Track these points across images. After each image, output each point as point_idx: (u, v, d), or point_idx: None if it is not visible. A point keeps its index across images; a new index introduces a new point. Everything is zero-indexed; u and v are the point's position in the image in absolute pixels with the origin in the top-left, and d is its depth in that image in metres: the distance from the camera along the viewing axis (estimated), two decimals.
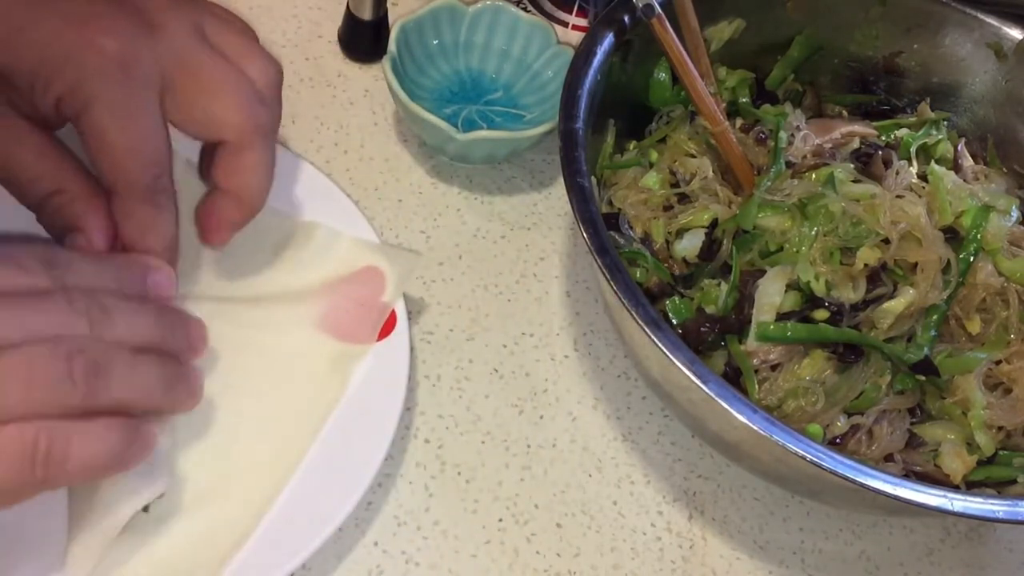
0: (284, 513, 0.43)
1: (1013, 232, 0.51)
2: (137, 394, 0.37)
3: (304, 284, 0.49)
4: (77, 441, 0.34)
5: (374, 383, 0.47)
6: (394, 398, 0.46)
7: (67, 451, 0.34)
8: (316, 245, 0.50)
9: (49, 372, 0.34)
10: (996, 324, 0.50)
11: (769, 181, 0.51)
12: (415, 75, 0.60)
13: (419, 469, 0.49)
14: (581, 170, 0.46)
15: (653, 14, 0.49)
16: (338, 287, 0.49)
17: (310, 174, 0.53)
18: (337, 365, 0.47)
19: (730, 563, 0.50)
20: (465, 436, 0.50)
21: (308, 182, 0.53)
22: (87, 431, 0.35)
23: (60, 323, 0.35)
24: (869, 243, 0.48)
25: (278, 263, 0.50)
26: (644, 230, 0.53)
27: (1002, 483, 0.48)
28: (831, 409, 0.47)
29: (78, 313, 0.35)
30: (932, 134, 0.58)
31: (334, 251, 0.50)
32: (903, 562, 0.52)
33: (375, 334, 0.48)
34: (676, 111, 0.57)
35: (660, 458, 0.52)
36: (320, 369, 0.47)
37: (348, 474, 0.44)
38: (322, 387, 0.47)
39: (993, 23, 0.59)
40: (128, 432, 0.36)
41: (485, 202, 0.59)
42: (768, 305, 0.48)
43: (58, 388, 0.34)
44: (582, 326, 0.56)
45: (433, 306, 0.54)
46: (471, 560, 0.47)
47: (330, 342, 0.48)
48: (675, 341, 0.42)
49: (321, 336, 0.48)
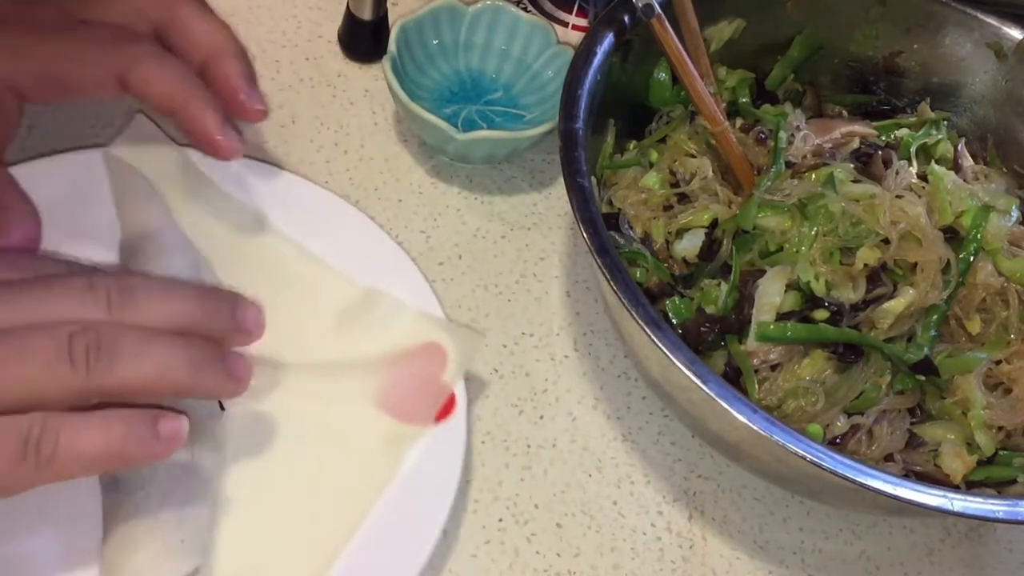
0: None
1: (1013, 232, 0.51)
2: (150, 376, 0.35)
3: (365, 355, 0.48)
4: (70, 432, 0.34)
5: (426, 467, 0.45)
6: (447, 483, 0.45)
7: (59, 441, 0.33)
8: (380, 315, 0.49)
9: (47, 354, 0.33)
10: (996, 324, 0.50)
11: (769, 181, 0.51)
12: (415, 75, 0.60)
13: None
14: (581, 170, 0.46)
15: (653, 14, 0.49)
16: (399, 362, 0.48)
17: (378, 238, 0.51)
18: (391, 447, 0.46)
19: (730, 563, 0.50)
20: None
21: (376, 247, 0.51)
22: (83, 422, 0.34)
23: (74, 305, 0.35)
24: (869, 243, 0.48)
25: (340, 330, 0.49)
26: (644, 230, 0.53)
27: (1002, 483, 0.48)
28: (831, 409, 0.47)
29: (96, 295, 0.35)
30: (932, 134, 0.58)
31: (398, 323, 0.49)
32: (903, 562, 0.52)
33: (433, 415, 0.46)
34: (676, 111, 0.57)
35: (660, 458, 0.52)
36: (374, 449, 0.45)
37: (393, 563, 0.42)
38: (373, 469, 0.45)
39: (993, 23, 0.58)
40: (133, 425, 0.35)
41: (485, 202, 0.59)
42: (768, 305, 0.48)
43: (55, 370, 0.33)
44: (582, 326, 0.56)
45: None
46: (471, 560, 0.47)
47: (386, 421, 0.46)
48: (675, 341, 0.42)
49: (378, 413, 0.46)
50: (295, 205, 0.51)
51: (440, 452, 0.46)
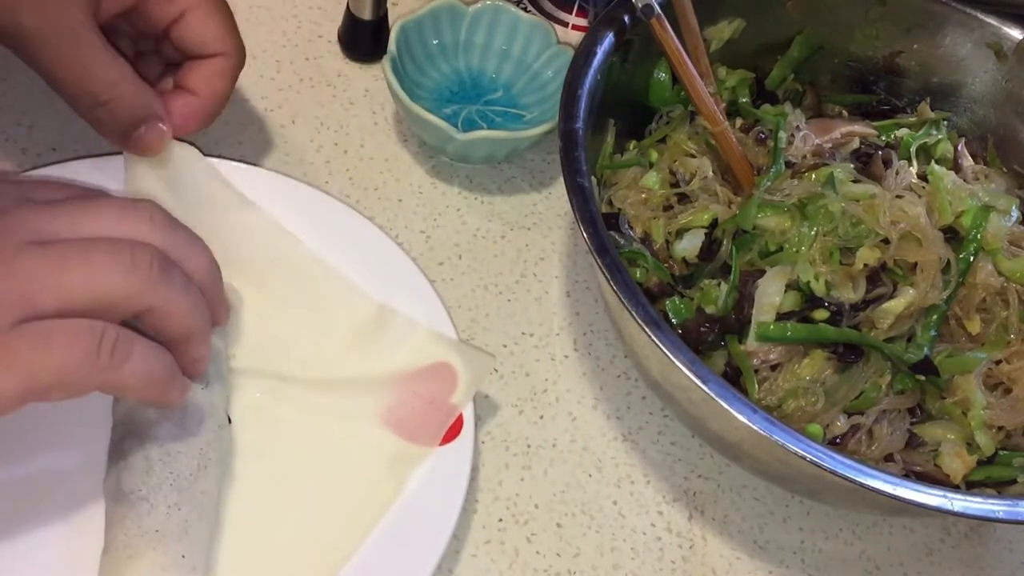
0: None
1: (1013, 232, 0.51)
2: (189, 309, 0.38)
3: (374, 372, 0.48)
4: (140, 348, 0.36)
5: (430, 490, 0.45)
6: (450, 507, 0.44)
7: (131, 351, 0.36)
8: (392, 333, 0.48)
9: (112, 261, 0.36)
10: (996, 324, 0.50)
11: (769, 181, 0.51)
12: (415, 75, 0.60)
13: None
14: (581, 170, 0.46)
15: (652, 14, 0.49)
16: (408, 380, 0.47)
17: (393, 255, 0.51)
18: (395, 468, 0.45)
19: (730, 563, 0.50)
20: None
21: (391, 263, 0.51)
22: (148, 344, 0.37)
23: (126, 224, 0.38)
24: (869, 243, 0.48)
25: (350, 345, 0.48)
26: (644, 230, 0.52)
27: (1002, 483, 0.48)
28: (831, 409, 0.47)
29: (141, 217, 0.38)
30: (932, 134, 0.58)
31: (409, 341, 0.48)
32: (903, 562, 0.52)
33: (439, 438, 0.46)
34: (676, 111, 0.57)
35: (660, 458, 0.52)
36: (378, 470, 0.45)
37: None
38: (376, 490, 0.45)
39: (993, 23, 0.58)
40: (173, 368, 0.38)
41: (485, 202, 0.59)
42: (768, 305, 0.48)
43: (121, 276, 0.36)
44: (582, 326, 0.56)
45: None
46: (471, 560, 0.47)
47: (392, 440, 0.46)
48: (675, 341, 0.42)
49: (384, 432, 0.46)
50: (303, 212, 0.51)
51: (445, 474, 0.45)
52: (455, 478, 0.45)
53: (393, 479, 0.45)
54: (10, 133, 0.54)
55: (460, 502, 0.44)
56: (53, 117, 0.54)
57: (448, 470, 0.45)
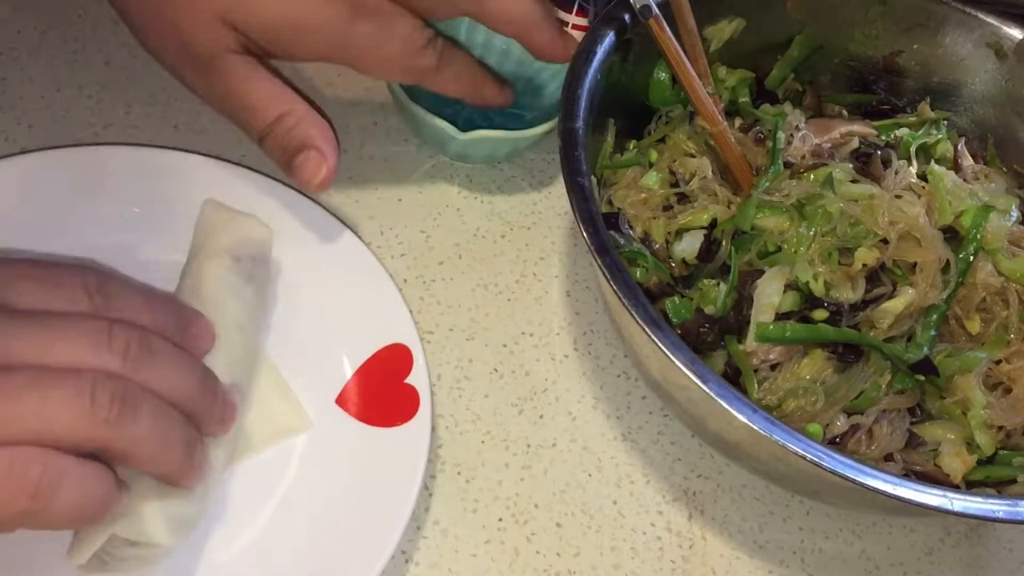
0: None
1: (1013, 232, 0.51)
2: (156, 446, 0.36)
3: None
4: (70, 480, 0.34)
5: (386, 471, 0.45)
6: (407, 489, 0.44)
7: (59, 488, 0.33)
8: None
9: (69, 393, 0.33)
10: (996, 324, 0.50)
11: (767, 182, 0.51)
12: None
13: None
14: (581, 170, 0.46)
15: (650, 14, 0.49)
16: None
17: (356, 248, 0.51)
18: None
19: (730, 563, 0.50)
20: (465, 436, 0.50)
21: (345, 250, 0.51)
22: (82, 473, 0.34)
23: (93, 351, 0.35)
24: (867, 243, 0.48)
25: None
26: (644, 230, 0.53)
27: (1002, 483, 0.48)
28: (831, 409, 0.47)
29: (115, 346, 0.35)
30: (932, 134, 0.58)
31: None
32: (903, 562, 0.52)
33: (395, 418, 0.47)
34: (676, 111, 0.57)
35: (660, 458, 0.52)
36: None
37: (354, 565, 0.42)
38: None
39: (993, 23, 0.58)
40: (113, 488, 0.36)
41: (485, 202, 0.59)
42: (767, 305, 0.48)
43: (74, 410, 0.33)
44: (582, 326, 0.56)
45: (433, 306, 0.54)
46: (471, 560, 0.47)
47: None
48: (675, 341, 0.42)
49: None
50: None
51: (402, 457, 0.45)
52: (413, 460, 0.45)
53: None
54: (10, 133, 0.54)
55: (418, 484, 0.44)
56: (53, 117, 0.54)
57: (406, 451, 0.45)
